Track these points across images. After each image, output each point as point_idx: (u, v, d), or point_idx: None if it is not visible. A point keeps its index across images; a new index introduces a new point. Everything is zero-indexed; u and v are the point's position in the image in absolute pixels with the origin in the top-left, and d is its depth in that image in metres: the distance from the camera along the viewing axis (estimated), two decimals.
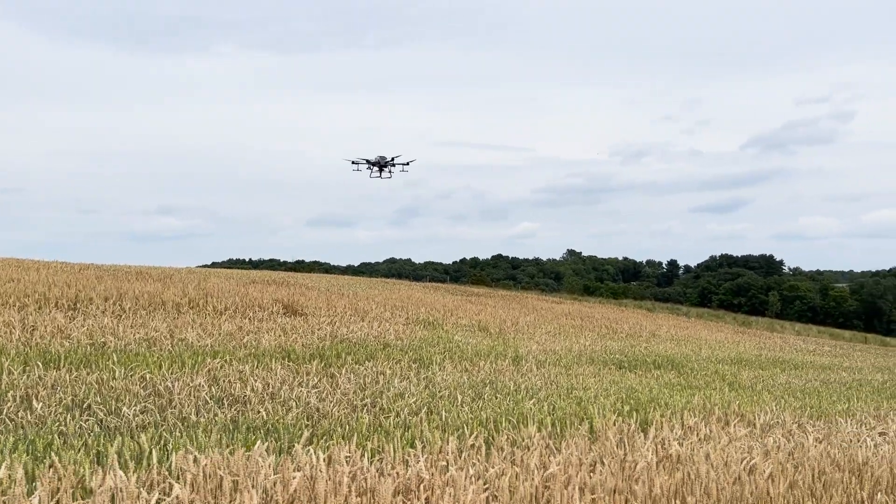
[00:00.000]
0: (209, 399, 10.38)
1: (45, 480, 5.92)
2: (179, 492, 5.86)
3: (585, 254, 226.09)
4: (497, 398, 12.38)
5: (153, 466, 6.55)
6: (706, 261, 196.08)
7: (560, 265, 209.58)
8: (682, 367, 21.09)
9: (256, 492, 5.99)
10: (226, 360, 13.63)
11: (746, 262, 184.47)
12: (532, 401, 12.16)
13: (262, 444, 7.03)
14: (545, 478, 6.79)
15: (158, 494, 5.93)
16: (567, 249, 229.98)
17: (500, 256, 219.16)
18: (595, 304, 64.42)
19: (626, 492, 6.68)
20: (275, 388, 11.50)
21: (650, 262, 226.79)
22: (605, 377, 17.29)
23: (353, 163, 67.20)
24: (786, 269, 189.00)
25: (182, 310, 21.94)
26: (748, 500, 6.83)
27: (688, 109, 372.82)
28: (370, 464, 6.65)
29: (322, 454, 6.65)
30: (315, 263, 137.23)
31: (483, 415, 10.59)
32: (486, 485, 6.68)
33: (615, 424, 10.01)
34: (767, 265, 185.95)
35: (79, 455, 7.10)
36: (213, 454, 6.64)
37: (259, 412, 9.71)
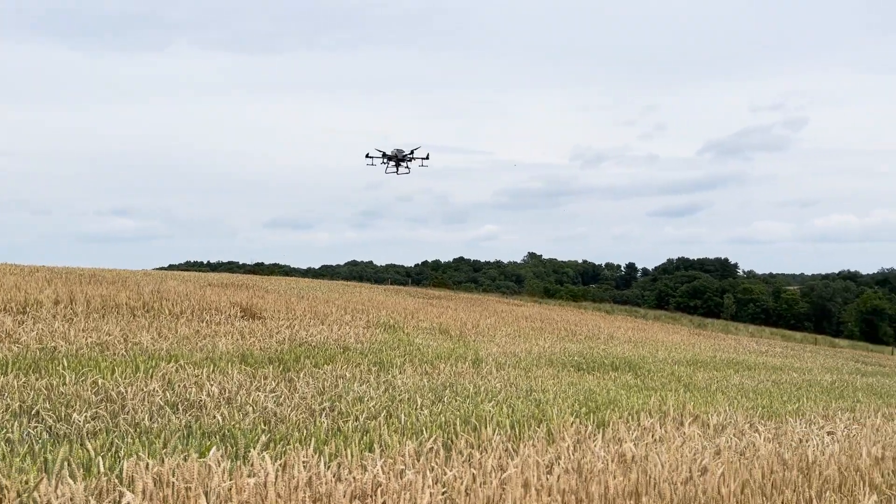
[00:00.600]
0: (163, 404, 10.18)
1: None
2: (130, 500, 5.74)
3: (546, 257, 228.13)
4: (457, 401, 12.40)
5: (102, 474, 6.40)
6: (663, 264, 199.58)
7: (521, 268, 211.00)
8: (639, 369, 21.38)
9: (208, 499, 5.90)
10: (181, 365, 13.40)
11: (702, 266, 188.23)
12: (491, 403, 12.20)
13: (218, 450, 6.93)
14: (503, 480, 6.82)
15: (108, 503, 5.80)
16: (528, 252, 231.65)
17: (462, 259, 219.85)
18: (555, 307, 65.06)
19: (582, 493, 6.75)
20: (231, 393, 11.34)
21: (609, 265, 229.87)
22: (564, 379, 17.45)
23: (368, 156, 63.33)
24: (740, 273, 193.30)
25: (137, 313, 21.51)
26: (700, 500, 6.97)
27: (646, 115, 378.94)
28: (327, 468, 6.60)
29: (278, 459, 6.59)
30: (275, 266, 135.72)
31: (442, 418, 10.58)
32: (444, 488, 6.68)
33: (572, 426, 10.10)
34: (722, 268, 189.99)
35: (25, 463, 6.91)
36: (167, 461, 6.52)
37: (215, 417, 9.55)
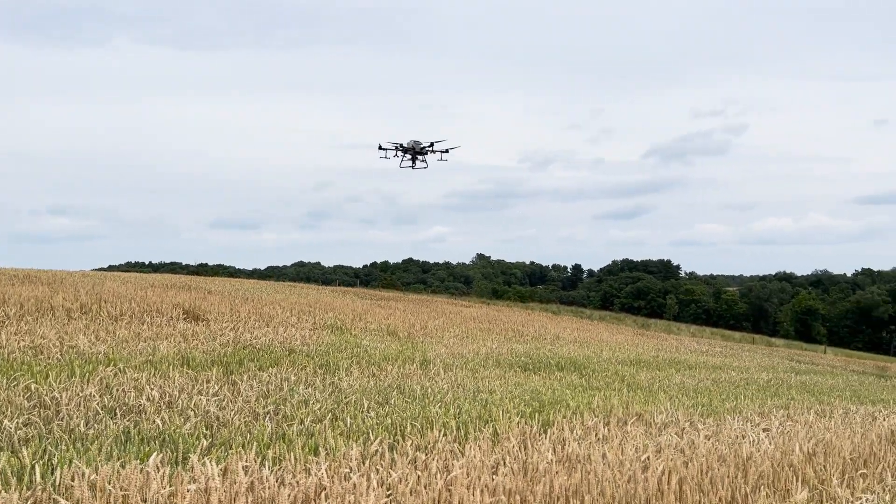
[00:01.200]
0: (100, 409, 9.88)
1: None
2: None
3: (494, 258, 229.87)
4: (404, 403, 12.37)
5: (36, 482, 6.18)
6: (608, 265, 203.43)
7: (470, 269, 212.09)
8: (584, 369, 21.70)
9: None
10: (120, 369, 13.03)
11: (646, 267, 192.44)
12: (438, 405, 12.22)
13: (157, 456, 6.76)
14: (448, 481, 6.84)
15: None
16: (477, 254, 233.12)
17: (411, 260, 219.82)
18: (503, 308, 65.50)
19: (527, 492, 6.82)
20: (172, 397, 11.07)
21: (556, 267, 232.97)
22: (511, 379, 17.59)
23: (381, 148, 56.62)
24: (682, 274, 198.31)
25: (73, 315, 20.83)
26: (641, 497, 7.12)
27: (593, 119, 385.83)
28: (270, 473, 6.50)
29: (219, 464, 6.46)
30: (219, 267, 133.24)
31: (389, 420, 10.55)
32: (389, 490, 6.66)
33: (518, 426, 10.19)
34: (665, 270, 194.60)
35: None
36: (103, 468, 6.33)
37: (154, 422, 9.32)
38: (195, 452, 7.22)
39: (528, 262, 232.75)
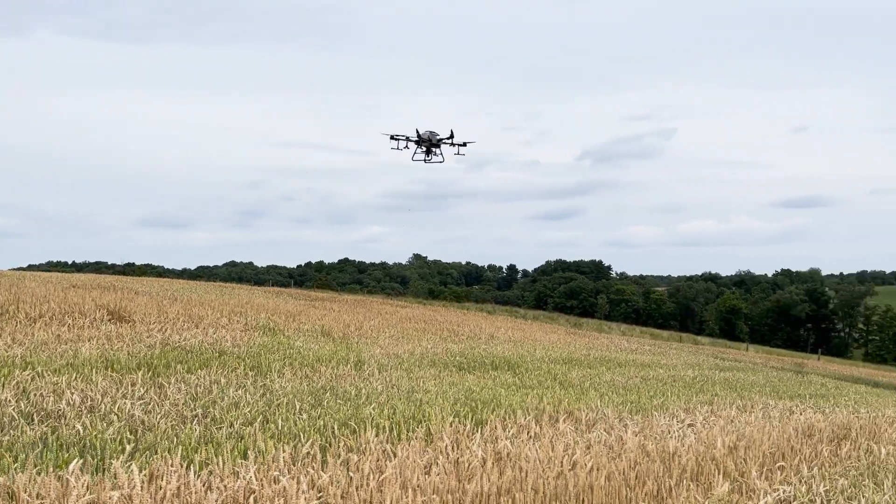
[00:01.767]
0: (16, 415, 9.44)
1: None
2: None
3: (431, 258, 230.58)
4: (337, 404, 12.26)
5: None
6: (542, 266, 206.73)
7: (406, 269, 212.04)
8: (518, 368, 21.95)
9: None
10: (38, 372, 12.47)
11: (579, 268, 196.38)
12: (372, 405, 12.15)
13: (77, 462, 6.50)
14: (380, 482, 6.81)
15: None
16: (413, 254, 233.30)
17: (347, 260, 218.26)
18: (439, 308, 65.63)
19: (459, 492, 6.86)
20: (95, 401, 10.67)
21: (491, 267, 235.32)
22: (446, 379, 17.64)
23: (393, 138, 51.67)
24: (613, 274, 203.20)
25: None
26: (570, 493, 7.25)
27: (529, 121, 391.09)
28: (196, 478, 6.34)
29: (143, 470, 6.26)
30: (147, 267, 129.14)
31: (321, 422, 10.43)
32: (320, 493, 6.59)
33: (451, 425, 10.23)
34: (597, 270, 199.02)
35: None
36: (19, 475, 6.05)
37: (75, 427, 8.96)
38: (118, 458, 6.98)
39: (464, 263, 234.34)
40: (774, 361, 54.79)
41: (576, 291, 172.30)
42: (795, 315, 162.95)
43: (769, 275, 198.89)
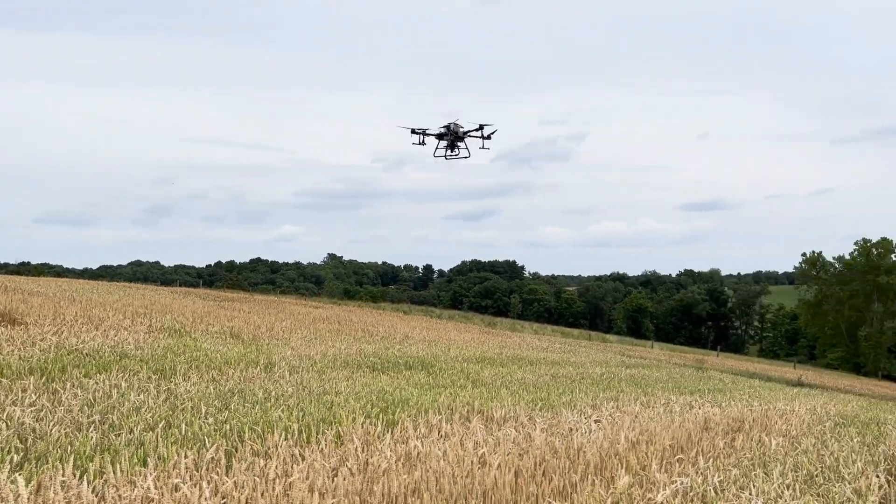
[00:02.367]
0: None
1: None
2: None
3: (346, 258, 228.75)
4: (245, 407, 11.96)
5: None
6: (458, 266, 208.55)
7: (321, 269, 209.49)
8: (432, 367, 22.05)
9: None
10: None
11: (493, 268, 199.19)
12: (282, 408, 11.92)
13: None
14: (286, 486, 6.69)
15: None
16: (328, 253, 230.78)
17: (260, 260, 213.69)
18: (354, 308, 65.08)
19: (367, 493, 6.81)
20: None
21: (408, 267, 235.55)
22: (358, 380, 17.52)
23: (414, 133, 47.30)
24: (527, 274, 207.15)
25: None
26: (477, 491, 7.33)
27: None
28: (90, 487, 6.04)
29: (31, 481, 5.92)
30: (44, 266, 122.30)
31: (228, 426, 10.14)
32: (224, 499, 6.41)
33: (362, 427, 10.17)
34: (511, 270, 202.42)
35: None
36: None
37: None
38: (3, 469, 6.57)
39: (381, 263, 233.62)
40: (677, 358, 57.14)
41: (490, 291, 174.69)
42: (697, 314, 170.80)
43: (673, 275, 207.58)
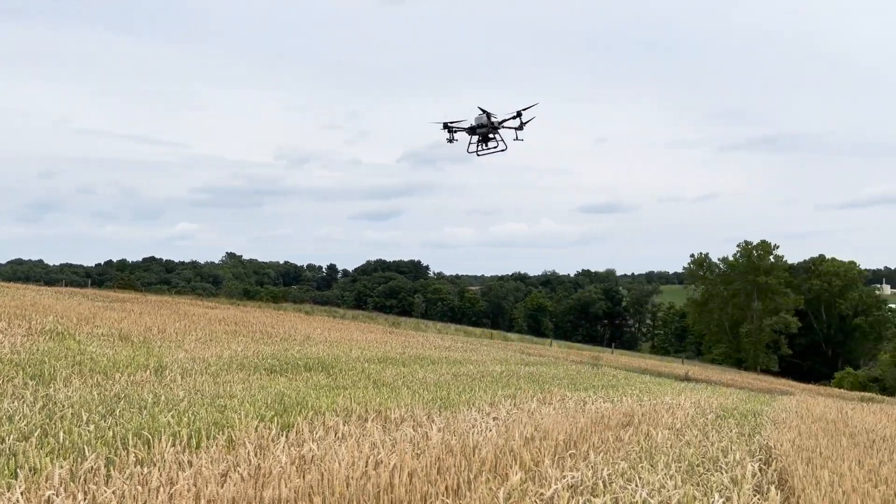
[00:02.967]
0: None
1: None
2: None
3: (247, 257, 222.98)
4: (131, 413, 11.42)
5: None
6: (363, 265, 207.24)
7: (219, 268, 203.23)
8: (333, 368, 21.79)
9: None
10: None
11: (398, 268, 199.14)
12: (171, 413, 11.45)
13: None
14: (171, 494, 6.42)
15: None
16: (227, 252, 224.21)
17: (153, 259, 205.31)
18: (253, 309, 63.42)
19: (256, 500, 6.64)
20: None
21: (311, 266, 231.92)
22: (255, 383, 17.08)
23: (447, 128, 41.90)
24: (431, 274, 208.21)
25: None
26: (371, 493, 7.29)
27: (350, 121, 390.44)
28: None
29: None
30: None
31: (111, 433, 9.65)
32: None
33: (256, 430, 9.91)
34: (416, 270, 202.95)
35: None
36: None
37: None
38: None
39: (283, 262, 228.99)
40: (574, 356, 58.94)
41: (395, 291, 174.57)
42: (594, 312, 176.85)
43: (571, 275, 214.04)
